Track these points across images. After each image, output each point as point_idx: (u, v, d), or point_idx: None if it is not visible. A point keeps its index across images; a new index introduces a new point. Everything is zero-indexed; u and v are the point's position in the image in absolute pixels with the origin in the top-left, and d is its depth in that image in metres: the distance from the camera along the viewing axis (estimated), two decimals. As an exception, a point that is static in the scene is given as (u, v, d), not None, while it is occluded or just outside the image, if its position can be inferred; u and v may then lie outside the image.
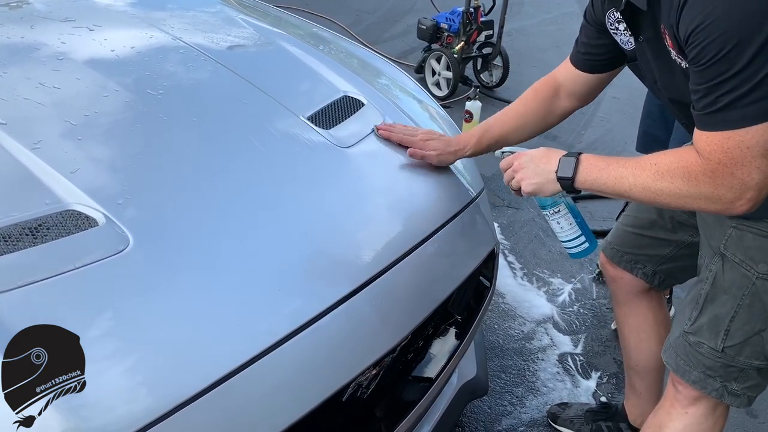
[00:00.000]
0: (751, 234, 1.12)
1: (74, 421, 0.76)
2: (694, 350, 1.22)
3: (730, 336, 1.17)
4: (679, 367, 1.25)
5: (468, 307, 1.48)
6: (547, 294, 2.46)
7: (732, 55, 0.88)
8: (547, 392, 2.01)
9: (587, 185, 1.13)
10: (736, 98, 0.90)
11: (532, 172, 1.20)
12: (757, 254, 1.12)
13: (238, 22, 1.71)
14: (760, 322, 1.15)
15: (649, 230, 1.47)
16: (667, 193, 1.03)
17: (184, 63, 1.40)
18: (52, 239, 0.90)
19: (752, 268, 1.13)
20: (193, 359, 0.87)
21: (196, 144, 1.17)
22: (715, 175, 0.96)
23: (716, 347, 1.19)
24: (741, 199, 0.96)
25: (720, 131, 0.94)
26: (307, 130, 1.30)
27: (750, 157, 0.92)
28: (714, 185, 0.97)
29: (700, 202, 1.00)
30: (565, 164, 1.15)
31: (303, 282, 1.03)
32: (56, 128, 1.11)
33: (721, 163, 0.95)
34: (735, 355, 1.18)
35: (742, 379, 1.20)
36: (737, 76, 0.89)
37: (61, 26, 1.43)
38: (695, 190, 0.99)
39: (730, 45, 0.88)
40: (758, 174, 0.94)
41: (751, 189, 0.95)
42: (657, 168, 1.03)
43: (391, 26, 5.53)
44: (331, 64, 1.59)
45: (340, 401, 1.09)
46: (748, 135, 0.91)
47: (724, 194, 0.97)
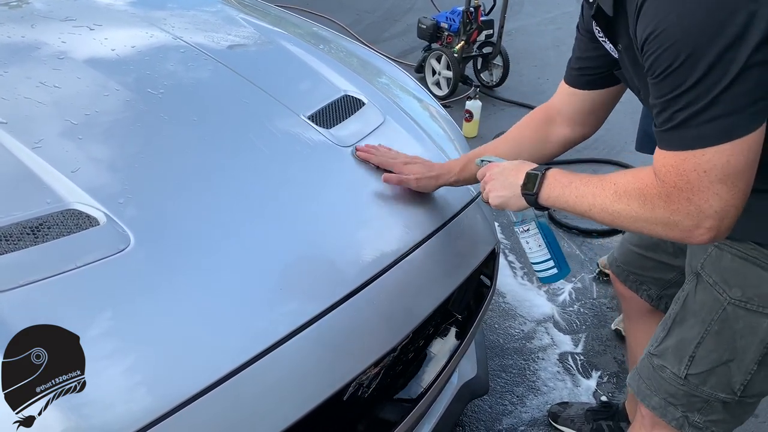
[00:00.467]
0: (730, 255, 1.03)
1: (75, 420, 0.76)
2: (657, 374, 1.15)
3: (694, 363, 1.09)
4: (641, 391, 1.19)
5: (468, 307, 1.48)
6: (547, 293, 2.46)
7: (685, 67, 0.80)
8: (548, 391, 2.01)
9: (551, 202, 1.05)
10: (692, 115, 0.82)
11: (500, 184, 1.13)
12: (732, 277, 1.03)
13: (238, 21, 1.71)
14: (728, 352, 1.06)
15: (652, 252, 1.39)
16: (625, 215, 0.94)
17: (185, 62, 1.40)
18: (53, 238, 0.90)
19: (725, 292, 1.04)
20: (194, 358, 0.87)
21: (197, 143, 1.17)
22: (671, 200, 0.87)
23: (679, 373, 1.11)
24: (699, 228, 0.87)
25: (676, 151, 0.85)
26: (307, 129, 1.30)
27: (707, 182, 0.83)
28: (670, 210, 0.88)
29: (657, 228, 0.91)
30: (531, 179, 1.07)
31: (304, 281, 1.03)
32: (57, 127, 1.11)
33: (677, 187, 0.86)
34: (699, 384, 1.09)
35: (706, 412, 1.11)
36: (692, 90, 0.81)
37: (62, 25, 1.43)
38: (651, 214, 0.91)
39: (683, 56, 0.80)
40: (717, 201, 0.84)
41: (709, 217, 0.85)
42: (616, 188, 0.95)
43: (391, 25, 5.53)
44: (332, 64, 1.59)
45: (341, 400, 1.09)
46: (704, 157, 0.82)
47: (681, 221, 0.88)
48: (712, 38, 0.78)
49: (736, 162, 0.82)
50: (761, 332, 1.02)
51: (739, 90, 0.79)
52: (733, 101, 0.80)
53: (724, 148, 0.82)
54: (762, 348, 1.03)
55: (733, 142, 0.81)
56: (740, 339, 1.04)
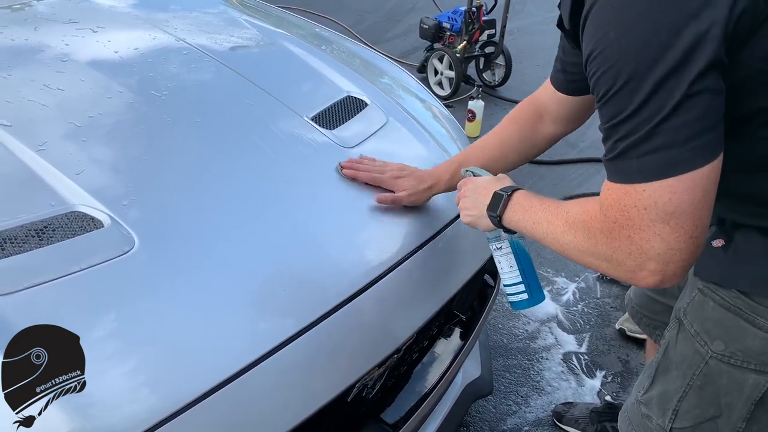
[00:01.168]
0: (713, 303, 0.95)
1: (77, 421, 0.76)
2: (645, 422, 1.09)
3: (678, 417, 1.02)
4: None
5: (472, 307, 1.48)
6: (551, 293, 2.45)
7: (625, 92, 0.73)
8: (552, 391, 2.01)
9: (513, 225, 1.01)
10: (631, 145, 0.74)
11: (471, 203, 1.09)
12: (714, 329, 0.95)
13: (240, 22, 1.71)
14: (713, 408, 0.98)
15: (661, 296, 1.33)
16: (573, 247, 0.87)
17: (188, 64, 1.40)
18: (58, 241, 0.90)
19: (707, 344, 0.96)
20: (199, 360, 0.87)
21: (201, 145, 1.18)
22: (612, 236, 0.79)
23: (664, 425, 1.04)
24: (643, 270, 0.78)
25: (618, 183, 0.77)
26: (310, 130, 1.30)
27: (648, 221, 0.75)
28: (612, 248, 0.80)
29: (602, 264, 0.83)
30: (496, 200, 1.03)
31: (307, 282, 1.03)
32: (61, 130, 1.11)
33: (618, 223, 0.78)
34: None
35: None
36: (632, 118, 0.73)
37: (65, 28, 1.44)
38: (594, 248, 0.83)
39: (622, 80, 0.72)
40: (659, 243, 0.75)
41: (652, 260, 0.76)
42: (566, 218, 0.88)
43: (393, 26, 5.53)
44: (334, 65, 1.59)
45: (345, 401, 1.09)
46: (645, 193, 0.74)
47: (623, 260, 0.79)
48: (652, 61, 0.70)
49: (679, 201, 0.73)
50: (747, 389, 0.94)
51: (680, 120, 0.71)
52: (675, 133, 0.71)
53: (667, 184, 0.73)
54: (749, 405, 0.95)
55: (677, 178, 0.72)
56: (725, 395, 0.97)
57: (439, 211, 1.30)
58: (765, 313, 0.89)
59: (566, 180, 3.24)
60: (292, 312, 0.98)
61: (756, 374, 0.93)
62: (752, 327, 0.91)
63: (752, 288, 0.90)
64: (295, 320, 0.96)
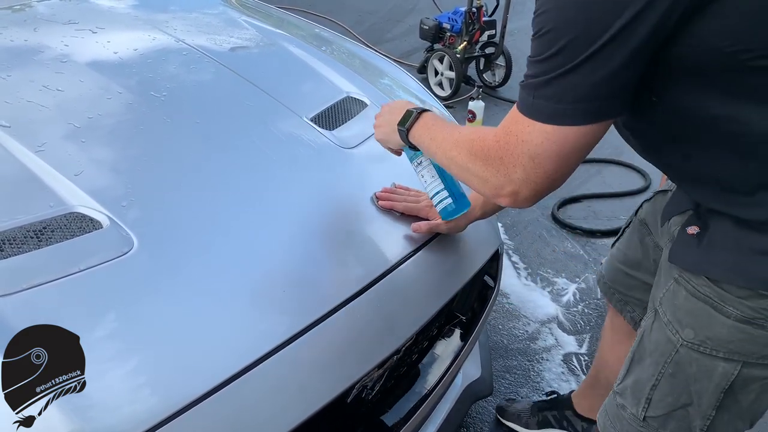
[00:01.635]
0: (685, 291, 0.97)
1: (76, 422, 0.76)
2: (619, 412, 1.11)
3: (651, 405, 1.04)
4: (606, 428, 1.15)
5: (472, 308, 1.48)
6: (551, 294, 2.45)
7: (545, 39, 0.80)
8: (552, 392, 2.01)
9: (417, 140, 1.10)
10: (534, 85, 0.82)
11: (385, 120, 1.19)
12: (685, 317, 0.97)
13: (240, 23, 1.71)
14: (684, 396, 1.00)
15: (636, 271, 1.34)
16: (456, 162, 0.97)
17: (187, 65, 1.40)
18: (57, 242, 0.90)
19: (678, 332, 0.98)
20: (198, 361, 0.87)
21: (200, 146, 1.17)
22: (488, 155, 0.89)
23: (638, 414, 1.06)
24: (503, 190, 0.89)
25: (516, 110, 0.86)
26: (310, 131, 1.30)
27: (520, 151, 0.84)
28: (485, 166, 0.90)
29: (474, 180, 0.95)
30: (407, 116, 1.12)
31: (307, 284, 1.03)
32: (60, 131, 1.11)
33: (499, 143, 0.87)
34: (658, 428, 1.05)
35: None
36: (542, 63, 0.80)
37: (64, 29, 1.44)
38: (472, 165, 0.93)
39: (547, 27, 0.79)
40: (521, 172, 0.85)
41: (512, 183, 0.87)
42: (458, 137, 0.99)
43: (393, 26, 5.53)
44: (334, 65, 1.59)
45: (345, 402, 1.09)
46: (528, 128, 0.83)
47: (491, 178, 0.90)
48: (573, 21, 0.77)
49: (549, 146, 0.82)
50: (716, 377, 0.96)
51: (576, 80, 0.78)
52: (568, 89, 0.79)
53: (545, 129, 0.82)
54: (719, 393, 0.97)
55: (553, 128, 0.81)
56: (695, 383, 0.99)
57: (439, 212, 1.30)
58: (733, 302, 0.91)
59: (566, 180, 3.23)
60: (292, 313, 0.98)
61: (725, 362, 0.95)
62: (720, 315, 0.93)
63: (722, 276, 0.92)
64: (295, 321, 0.96)
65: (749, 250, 0.89)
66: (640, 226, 1.31)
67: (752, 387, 0.96)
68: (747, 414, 1.00)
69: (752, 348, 0.93)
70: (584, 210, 2.98)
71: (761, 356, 0.93)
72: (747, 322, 0.91)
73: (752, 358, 0.93)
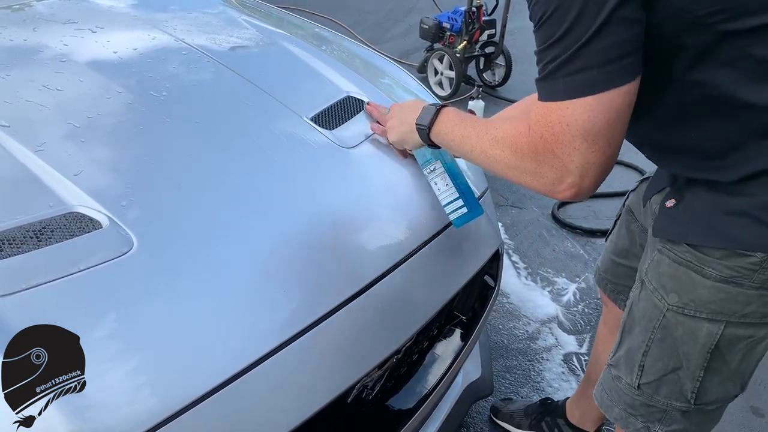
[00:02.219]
0: (668, 259, 1.01)
1: (76, 422, 0.76)
2: (615, 384, 1.14)
3: (644, 372, 1.07)
4: (603, 402, 1.18)
5: (472, 308, 1.47)
6: (551, 294, 2.45)
7: (554, 18, 0.81)
8: (553, 392, 2.01)
9: (441, 138, 1.09)
10: (557, 66, 0.82)
11: (398, 121, 1.18)
12: (669, 283, 1.01)
13: (240, 23, 1.71)
14: (674, 360, 1.03)
15: (624, 259, 1.39)
16: (499, 161, 0.96)
17: (187, 64, 1.40)
18: (56, 242, 0.89)
19: (663, 298, 1.02)
20: (198, 361, 0.87)
21: (200, 145, 1.17)
22: (537, 151, 0.88)
23: (632, 383, 1.09)
24: (562, 183, 0.88)
25: (545, 102, 0.86)
26: (310, 131, 1.29)
27: (569, 136, 0.83)
28: (536, 161, 0.89)
29: (525, 177, 0.93)
30: (426, 113, 1.11)
31: (307, 283, 1.03)
32: (59, 130, 1.10)
33: (543, 138, 0.87)
34: (652, 394, 1.08)
35: (667, 422, 1.09)
36: (560, 42, 0.81)
37: (64, 28, 1.43)
38: (520, 163, 0.92)
39: (552, 7, 0.80)
40: (579, 157, 0.84)
41: (571, 173, 0.86)
42: (496, 134, 0.97)
43: (393, 26, 5.53)
44: (334, 65, 1.59)
45: (345, 403, 1.09)
46: (568, 110, 0.83)
47: (545, 173, 0.89)
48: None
49: (596, 119, 0.82)
50: (701, 338, 1.00)
51: (600, 45, 0.79)
52: (595, 56, 0.80)
53: (586, 102, 0.82)
54: (705, 354, 1.00)
55: (595, 97, 0.81)
56: (682, 345, 1.02)
57: (439, 213, 1.30)
58: (712, 264, 0.96)
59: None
60: (292, 313, 0.98)
61: (708, 323, 0.98)
62: (701, 277, 0.97)
63: (700, 240, 0.96)
64: (295, 321, 0.96)
65: (721, 212, 0.94)
66: (626, 215, 1.36)
67: (738, 347, 1.00)
68: (736, 375, 1.03)
69: (733, 307, 0.96)
70: (584, 209, 2.98)
71: (742, 315, 0.97)
72: (725, 282, 0.95)
73: (734, 318, 0.97)
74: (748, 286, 0.94)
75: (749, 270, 0.93)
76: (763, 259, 0.92)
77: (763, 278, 0.93)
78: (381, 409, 1.23)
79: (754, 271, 0.93)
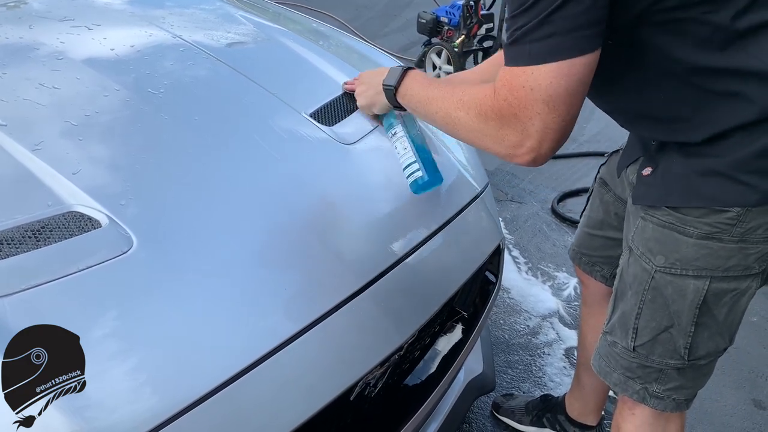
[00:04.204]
0: (652, 224, 1.07)
1: (77, 422, 0.75)
2: (612, 350, 1.18)
3: (639, 334, 1.12)
4: (602, 369, 1.22)
5: (474, 303, 1.47)
6: (552, 288, 2.45)
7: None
8: (554, 387, 2.00)
9: (407, 100, 1.11)
10: (526, 32, 0.84)
11: (366, 85, 1.21)
12: (655, 246, 1.07)
13: (237, 18, 1.70)
14: (665, 319, 1.08)
15: (599, 230, 1.42)
16: (462, 124, 0.98)
17: (184, 61, 1.39)
18: (55, 241, 0.89)
19: (650, 260, 1.07)
20: (200, 361, 0.86)
21: (199, 142, 1.16)
22: (501, 114, 0.90)
23: (628, 346, 1.14)
24: (522, 147, 0.90)
25: (511, 67, 0.88)
26: (309, 127, 1.28)
27: (532, 100, 0.86)
28: (499, 124, 0.91)
29: (486, 140, 0.95)
30: (393, 74, 1.13)
31: (308, 281, 1.02)
32: (57, 129, 1.09)
33: (507, 101, 0.88)
34: (648, 354, 1.12)
35: (663, 381, 1.14)
36: (530, 9, 0.83)
37: (60, 26, 1.42)
38: (484, 125, 0.93)
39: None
40: (539, 122, 0.86)
41: (531, 137, 0.88)
42: (461, 96, 0.98)
43: (390, 21, 5.51)
44: (332, 60, 1.58)
45: (348, 400, 1.09)
46: (533, 75, 0.85)
47: (507, 136, 0.90)
48: None
49: (558, 84, 0.84)
50: (690, 294, 1.05)
51: (567, 13, 0.81)
52: (562, 23, 0.82)
53: (549, 68, 0.84)
54: (694, 309, 1.06)
55: (558, 64, 0.83)
56: (672, 304, 1.07)
57: (440, 208, 1.29)
58: (693, 222, 1.01)
59: (566, 174, 3.23)
60: (293, 311, 0.97)
61: (695, 279, 1.04)
62: (684, 237, 1.03)
63: (680, 203, 1.02)
64: (296, 319, 0.96)
65: (696, 174, 0.99)
66: (599, 187, 1.40)
67: (724, 300, 1.05)
68: (724, 328, 1.09)
69: (716, 262, 1.02)
70: (584, 204, 2.97)
71: (725, 269, 1.02)
72: (707, 238, 1.01)
73: (718, 272, 1.03)
74: (728, 240, 1.00)
75: (728, 225, 0.99)
76: (739, 214, 0.98)
77: (741, 231, 0.99)
78: (384, 406, 1.22)
79: (732, 226, 0.99)
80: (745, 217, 0.98)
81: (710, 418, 1.92)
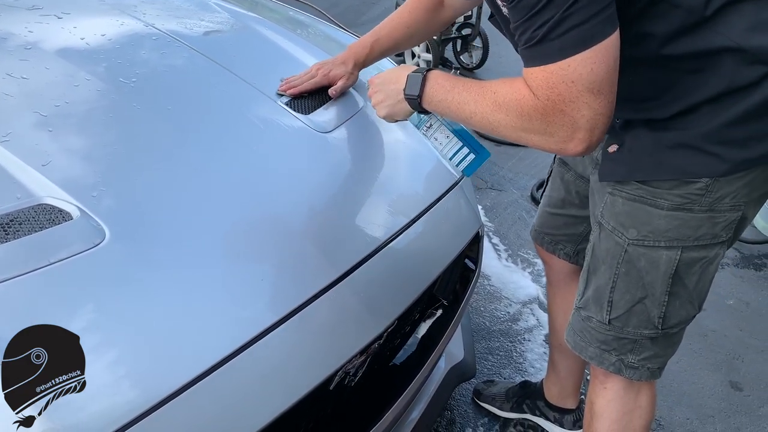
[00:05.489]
0: (621, 199, 1.08)
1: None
2: (586, 325, 1.21)
3: (614, 307, 1.15)
4: (577, 344, 1.24)
5: (454, 291, 1.47)
6: (532, 275, 2.46)
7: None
8: (535, 372, 2.02)
9: (434, 106, 1.07)
10: (550, 29, 0.84)
11: (384, 94, 1.15)
12: (626, 220, 1.09)
13: (212, 7, 1.67)
14: (640, 291, 1.11)
15: (561, 209, 1.44)
16: (504, 125, 0.96)
17: (158, 50, 1.36)
18: (25, 234, 0.87)
19: (623, 234, 1.10)
20: (178, 352, 0.85)
21: (172, 133, 1.15)
22: (546, 113, 0.89)
23: (603, 320, 1.16)
24: (573, 139, 0.90)
25: (542, 66, 0.87)
26: (285, 115, 1.27)
27: (576, 92, 0.86)
28: (546, 122, 0.90)
29: (534, 138, 0.94)
30: (413, 81, 1.07)
31: (286, 271, 1.01)
32: (26, 120, 1.07)
33: (550, 100, 0.88)
34: (623, 327, 1.15)
35: (638, 351, 1.17)
36: (546, 8, 0.83)
37: (28, 15, 1.39)
38: (529, 125, 0.93)
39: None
40: (588, 111, 0.87)
41: (581, 128, 0.88)
42: (495, 98, 0.96)
43: (368, 9, 5.48)
44: (309, 49, 1.56)
45: (328, 390, 1.08)
46: (570, 68, 0.85)
47: (556, 132, 0.90)
48: None
49: (599, 69, 0.85)
50: (662, 265, 1.08)
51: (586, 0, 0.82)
52: (585, 11, 0.82)
53: (585, 56, 0.84)
54: (667, 279, 1.09)
55: (593, 49, 0.84)
56: (646, 275, 1.09)
57: (419, 196, 1.29)
58: (664, 195, 1.04)
59: (545, 162, 3.24)
60: (272, 301, 0.97)
61: (667, 250, 1.07)
62: (655, 209, 1.05)
63: (650, 176, 1.04)
64: (275, 309, 0.95)
65: (664, 147, 1.01)
66: (559, 167, 1.41)
67: (694, 269, 1.08)
68: (694, 296, 1.12)
69: (687, 232, 1.05)
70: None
71: (696, 238, 1.05)
72: (678, 209, 1.04)
73: (689, 242, 1.06)
74: (698, 210, 1.03)
75: (697, 195, 1.02)
76: (708, 184, 1.01)
77: (709, 201, 1.02)
78: (364, 395, 1.22)
79: (701, 196, 1.02)
80: (713, 187, 1.01)
81: (688, 400, 1.95)
